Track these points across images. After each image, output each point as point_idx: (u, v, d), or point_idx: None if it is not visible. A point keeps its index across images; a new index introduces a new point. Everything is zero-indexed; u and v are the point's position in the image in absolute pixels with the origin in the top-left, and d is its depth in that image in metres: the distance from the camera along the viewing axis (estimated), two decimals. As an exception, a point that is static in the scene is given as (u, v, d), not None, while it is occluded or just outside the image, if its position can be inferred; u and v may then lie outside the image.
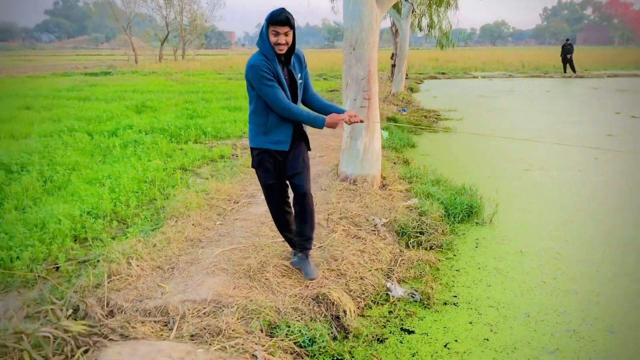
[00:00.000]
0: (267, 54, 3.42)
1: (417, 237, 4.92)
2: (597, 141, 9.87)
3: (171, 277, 3.85)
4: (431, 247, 4.77)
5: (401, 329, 3.43)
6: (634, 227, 5.34)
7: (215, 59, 52.59)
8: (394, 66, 19.17)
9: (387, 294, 3.87)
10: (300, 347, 3.11)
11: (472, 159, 8.58)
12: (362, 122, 3.77)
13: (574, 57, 29.42)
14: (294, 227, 3.95)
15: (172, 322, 3.22)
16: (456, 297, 3.88)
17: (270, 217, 4.06)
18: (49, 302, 3.28)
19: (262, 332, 3.18)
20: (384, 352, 3.17)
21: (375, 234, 4.86)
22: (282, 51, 3.42)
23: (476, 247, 4.84)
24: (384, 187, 6.24)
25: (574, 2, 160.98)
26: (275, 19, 3.33)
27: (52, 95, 16.85)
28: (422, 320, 3.56)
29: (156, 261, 4.07)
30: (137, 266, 3.92)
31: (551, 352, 3.14)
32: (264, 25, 3.40)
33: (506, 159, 8.51)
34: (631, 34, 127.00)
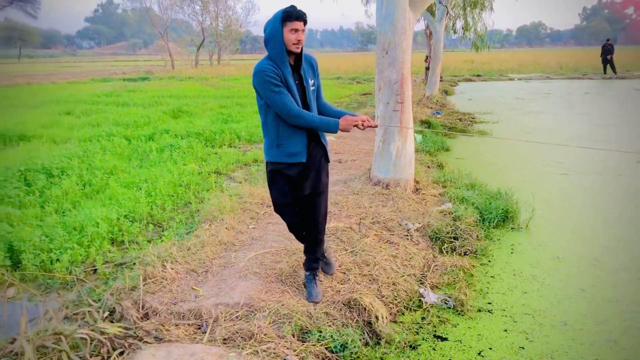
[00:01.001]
0: (277, 59, 3.19)
1: (451, 242, 4.86)
2: (638, 144, 9.58)
3: (205, 280, 3.90)
4: (465, 253, 4.71)
5: (434, 336, 3.39)
6: (678, 234, 5.16)
7: (250, 63, 52.98)
8: (428, 69, 19.02)
9: (419, 300, 3.83)
10: (331, 352, 3.11)
11: (507, 162, 8.43)
12: (376, 126, 3.47)
13: (615, 58, 28.60)
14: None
15: (205, 325, 3.26)
16: (491, 304, 3.81)
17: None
18: (86, 304, 3.37)
19: (294, 336, 3.19)
20: (416, 359, 3.14)
21: (408, 239, 4.82)
22: (299, 50, 3.21)
23: (512, 253, 4.75)
24: (417, 191, 6.19)
25: (615, 1, 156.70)
26: (293, 15, 3.12)
27: (92, 100, 17.29)
28: (455, 327, 3.51)
29: (190, 264, 4.13)
30: (172, 269, 3.98)
31: (589, 362, 3.06)
32: (276, 26, 3.15)
33: (543, 162, 8.34)
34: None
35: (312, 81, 3.40)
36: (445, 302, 3.80)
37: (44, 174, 6.99)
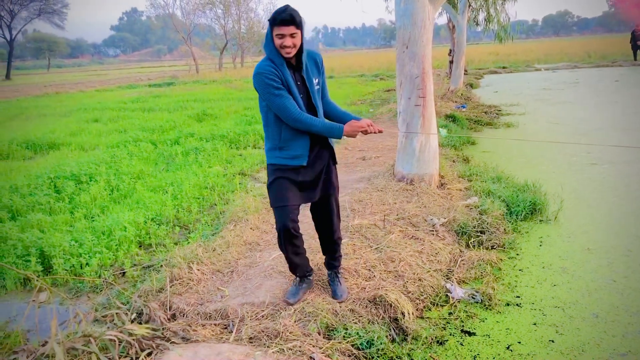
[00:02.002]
0: (275, 59, 3.06)
1: (478, 236, 4.80)
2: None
3: (230, 280, 3.92)
4: (492, 247, 4.64)
5: (462, 331, 3.35)
6: None
7: (272, 64, 53.25)
8: (451, 62, 18.83)
9: (446, 296, 3.79)
10: (358, 349, 3.09)
11: (535, 154, 8.29)
12: (380, 132, 3.26)
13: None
14: (304, 252, 3.57)
15: (231, 324, 3.29)
16: (519, 297, 3.75)
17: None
18: (115, 306, 3.42)
19: (320, 334, 3.19)
20: (443, 355, 3.10)
21: (433, 234, 4.77)
22: (290, 54, 3.03)
23: (540, 246, 4.67)
24: (442, 186, 6.13)
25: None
26: (277, 20, 2.91)
27: (118, 107, 17.58)
28: (483, 321, 3.46)
29: (216, 265, 4.16)
30: (198, 270, 4.02)
31: (622, 355, 2.98)
32: (268, 29, 3.02)
33: (571, 153, 8.17)
34: None
35: (316, 80, 3.24)
36: (472, 297, 3.75)
37: (73, 180, 7.13)
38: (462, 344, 3.20)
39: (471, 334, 3.31)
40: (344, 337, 3.15)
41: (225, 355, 2.88)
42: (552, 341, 3.17)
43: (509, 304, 3.66)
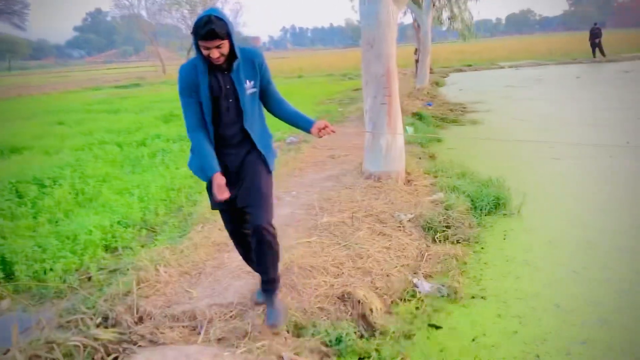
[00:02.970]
0: (199, 65, 2.87)
1: (444, 231, 4.87)
2: (631, 126, 9.60)
3: (198, 282, 3.90)
4: (458, 241, 4.71)
5: (429, 325, 3.40)
6: (670, 212, 5.19)
7: (241, 64, 52.95)
8: (417, 61, 19.03)
9: (414, 290, 3.84)
10: (327, 346, 3.11)
11: (499, 150, 8.43)
12: (333, 132, 3.10)
13: (604, 41, 28.61)
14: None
15: (199, 326, 3.27)
16: (484, 290, 3.82)
17: (295, 219, 4.03)
18: (79, 311, 3.37)
19: (289, 332, 3.20)
20: (411, 349, 3.15)
21: (401, 230, 4.83)
22: (219, 62, 2.82)
23: (504, 239, 4.77)
24: (408, 182, 6.21)
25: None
26: (199, 34, 2.67)
27: (84, 109, 17.28)
28: (449, 315, 3.52)
29: (183, 267, 4.14)
30: (165, 273, 3.99)
31: (582, 343, 3.07)
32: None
33: (534, 149, 8.34)
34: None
35: (250, 83, 2.97)
36: (439, 291, 3.81)
37: (36, 184, 6.98)
38: (429, 338, 3.25)
39: (438, 328, 3.36)
40: (313, 334, 3.17)
41: (193, 357, 2.86)
42: (516, 332, 3.24)
43: (474, 297, 3.73)
